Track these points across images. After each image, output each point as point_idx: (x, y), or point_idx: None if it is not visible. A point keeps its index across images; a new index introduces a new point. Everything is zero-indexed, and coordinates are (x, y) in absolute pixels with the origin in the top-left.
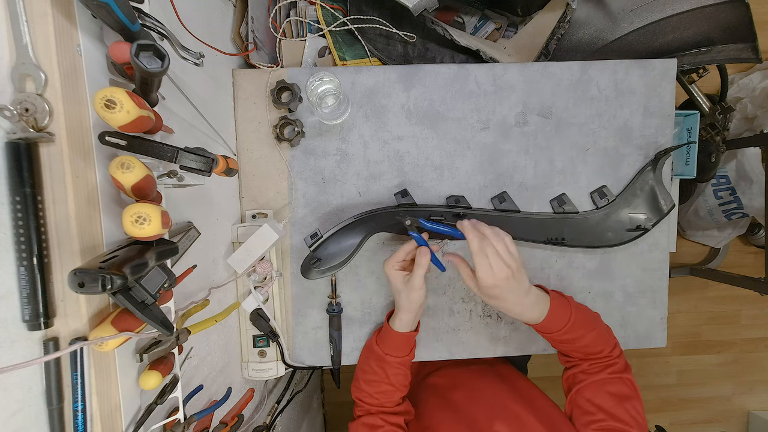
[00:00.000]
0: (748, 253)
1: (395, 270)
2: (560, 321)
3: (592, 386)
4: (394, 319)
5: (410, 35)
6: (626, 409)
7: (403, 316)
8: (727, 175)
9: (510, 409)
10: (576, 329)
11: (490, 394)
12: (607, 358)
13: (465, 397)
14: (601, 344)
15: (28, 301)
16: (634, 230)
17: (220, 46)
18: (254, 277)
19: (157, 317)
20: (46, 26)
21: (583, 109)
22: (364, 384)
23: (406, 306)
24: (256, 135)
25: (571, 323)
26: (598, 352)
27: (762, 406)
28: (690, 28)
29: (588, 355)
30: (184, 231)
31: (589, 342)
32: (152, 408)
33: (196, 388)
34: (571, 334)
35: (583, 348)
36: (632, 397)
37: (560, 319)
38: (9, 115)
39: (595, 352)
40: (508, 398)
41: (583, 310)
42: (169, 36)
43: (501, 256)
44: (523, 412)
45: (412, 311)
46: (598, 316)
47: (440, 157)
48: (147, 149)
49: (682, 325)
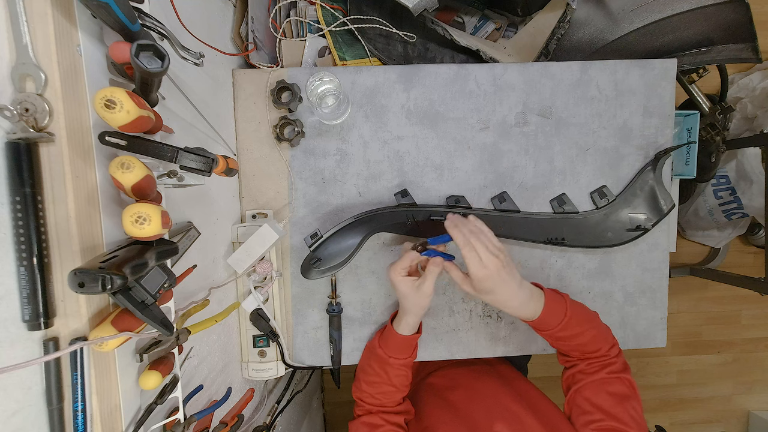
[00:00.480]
0: (748, 253)
1: (401, 276)
2: (556, 317)
3: (590, 386)
4: (398, 322)
5: (410, 35)
6: (625, 409)
7: (410, 319)
8: (727, 175)
9: (510, 410)
10: (573, 326)
11: (490, 394)
12: (605, 357)
13: (465, 397)
14: (599, 343)
15: (28, 301)
16: (634, 230)
17: (220, 46)
18: (254, 277)
19: (157, 317)
20: (46, 26)
21: (583, 109)
22: (365, 385)
23: (414, 310)
24: (256, 135)
25: (568, 319)
26: (596, 351)
27: (762, 406)
28: (690, 28)
29: (586, 354)
30: (184, 231)
31: (587, 340)
32: (152, 408)
33: (196, 388)
34: (568, 331)
35: (581, 346)
36: (631, 396)
37: (556, 314)
38: (9, 115)
39: (593, 351)
40: (508, 399)
41: (580, 308)
42: (169, 36)
43: (488, 248)
44: (523, 413)
45: (420, 315)
46: (596, 315)
47: (440, 157)
48: (147, 149)
49: (682, 325)
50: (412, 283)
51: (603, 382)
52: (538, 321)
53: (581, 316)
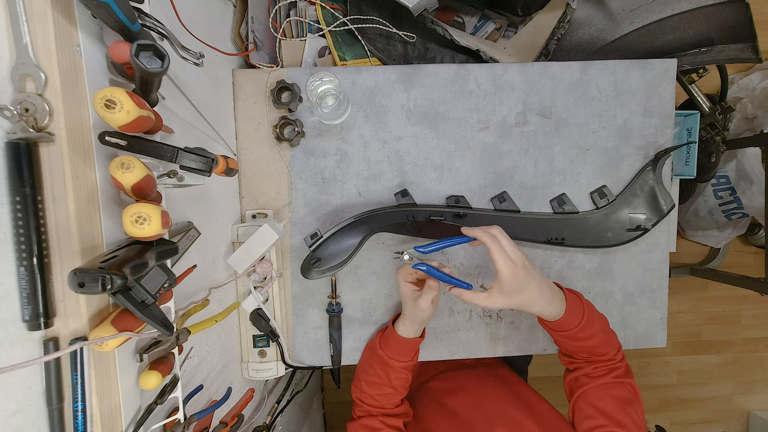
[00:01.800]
0: (748, 253)
1: (407, 282)
2: (576, 317)
3: (595, 390)
4: (399, 324)
5: (410, 35)
6: (629, 413)
7: (408, 324)
8: (727, 175)
9: (510, 415)
10: (588, 327)
11: (489, 399)
12: (611, 361)
13: (464, 402)
14: (607, 347)
15: (28, 301)
16: (634, 230)
17: (220, 46)
18: (254, 277)
19: (157, 317)
20: (46, 26)
21: (583, 109)
22: (365, 386)
23: (411, 318)
24: (256, 135)
25: (586, 319)
26: (604, 354)
27: (762, 406)
28: (690, 28)
29: (593, 356)
30: (184, 231)
31: (598, 343)
32: (152, 408)
33: (196, 388)
34: (585, 332)
35: (592, 349)
36: (634, 401)
37: (576, 314)
38: (9, 115)
39: (601, 354)
40: (508, 403)
41: (593, 308)
42: (169, 36)
43: (512, 245)
44: (523, 418)
45: (417, 323)
46: (605, 317)
47: (440, 157)
48: (147, 149)
49: (682, 325)
50: (412, 292)
51: (608, 387)
52: (561, 321)
53: (595, 317)
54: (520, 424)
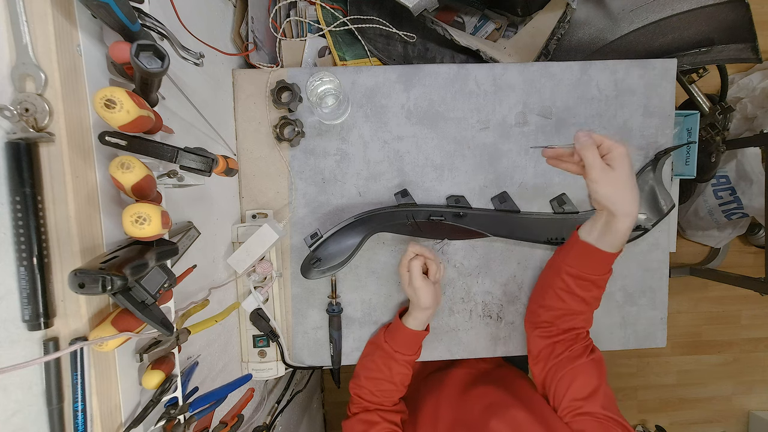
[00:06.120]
0: (748, 253)
1: (404, 271)
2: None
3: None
4: (407, 317)
5: (410, 35)
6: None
7: (417, 314)
8: (727, 175)
9: (506, 407)
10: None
11: (486, 392)
12: (587, 338)
13: (461, 395)
14: (591, 319)
15: (28, 301)
16: (634, 230)
17: (220, 46)
18: (254, 277)
19: (157, 317)
20: (46, 26)
21: (583, 109)
22: (365, 380)
23: (415, 303)
24: (256, 135)
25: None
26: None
27: (762, 406)
28: (690, 28)
29: (575, 328)
30: (184, 231)
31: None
32: (152, 408)
33: (195, 387)
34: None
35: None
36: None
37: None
38: (9, 115)
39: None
40: (505, 396)
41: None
42: (169, 36)
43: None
44: (520, 411)
45: (422, 310)
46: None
47: (440, 157)
48: (147, 149)
49: (682, 325)
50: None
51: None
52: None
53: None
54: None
